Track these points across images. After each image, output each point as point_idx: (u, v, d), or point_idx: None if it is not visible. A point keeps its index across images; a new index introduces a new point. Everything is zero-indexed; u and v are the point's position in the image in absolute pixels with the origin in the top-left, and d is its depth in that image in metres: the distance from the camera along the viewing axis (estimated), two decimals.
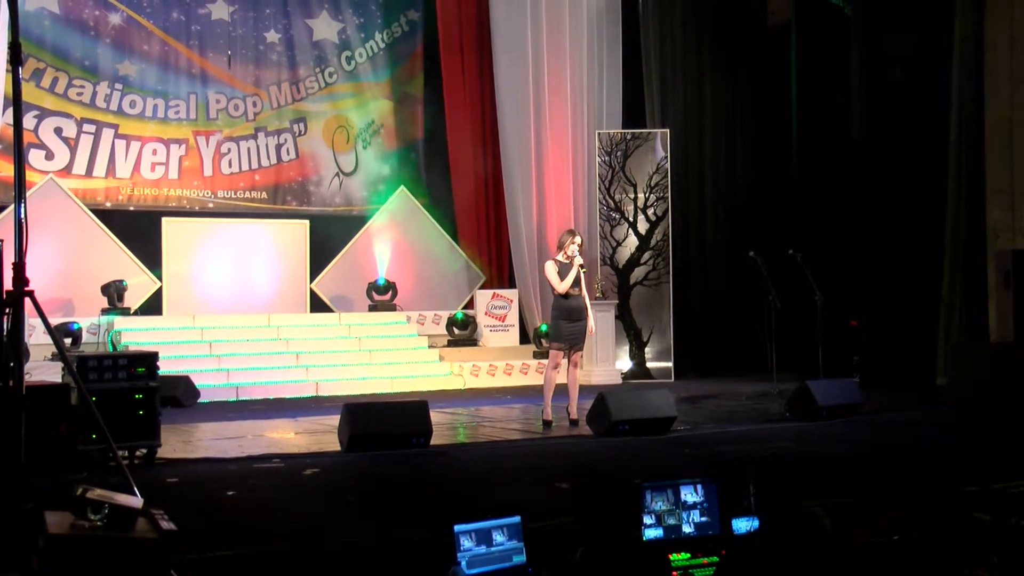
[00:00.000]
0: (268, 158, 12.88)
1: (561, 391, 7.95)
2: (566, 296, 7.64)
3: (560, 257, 7.72)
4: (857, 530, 3.75)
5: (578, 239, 7.72)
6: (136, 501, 3.53)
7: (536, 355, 12.14)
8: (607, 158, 12.41)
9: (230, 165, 12.67)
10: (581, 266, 7.65)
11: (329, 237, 12.80)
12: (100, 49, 12.06)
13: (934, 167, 11.09)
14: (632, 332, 12.33)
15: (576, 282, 7.64)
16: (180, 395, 9.45)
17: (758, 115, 13.28)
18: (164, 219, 11.98)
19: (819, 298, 9.60)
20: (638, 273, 12.39)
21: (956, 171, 10.92)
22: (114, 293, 11.14)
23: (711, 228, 13.23)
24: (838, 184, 12.27)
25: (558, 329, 7.72)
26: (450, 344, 12.34)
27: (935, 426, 7.79)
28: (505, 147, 12.78)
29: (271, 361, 10.97)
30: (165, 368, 6.97)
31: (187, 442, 7.19)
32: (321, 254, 12.72)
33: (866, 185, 11.92)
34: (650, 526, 3.68)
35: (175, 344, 10.67)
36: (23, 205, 3.93)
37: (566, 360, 7.82)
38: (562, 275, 7.64)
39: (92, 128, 12.00)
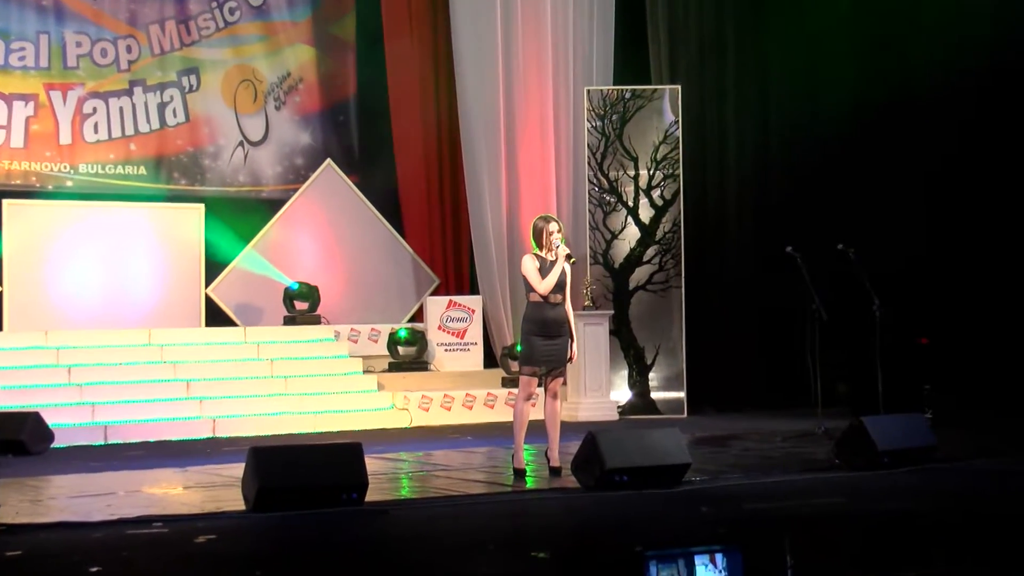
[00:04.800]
0: (148, 121, 12.76)
1: (538, 430, 7.91)
2: (544, 303, 7.61)
3: (544, 254, 7.66)
4: None
5: (556, 225, 7.70)
6: None
7: (506, 382, 12.12)
8: (599, 124, 12.43)
9: (96, 130, 12.55)
10: (568, 256, 7.62)
11: (231, 226, 12.73)
12: None
13: None
14: (632, 352, 12.34)
15: (560, 284, 7.61)
16: (25, 438, 9.31)
17: (797, 68, 13.35)
18: (5, 201, 11.83)
19: (878, 308, 9.64)
20: (640, 275, 12.41)
21: None
22: None
23: (735, 215, 13.29)
24: (903, 160, 12.37)
25: (531, 348, 7.66)
26: (392, 368, 12.29)
27: None
28: (465, 108, 12.76)
29: (152, 391, 10.87)
30: (4, 402, 6.86)
31: (35, 501, 7.10)
32: (220, 249, 12.63)
33: (940, 162, 12.03)
34: None
35: (19, 370, 10.55)
36: None
37: (543, 389, 7.78)
38: (544, 274, 7.62)
39: None
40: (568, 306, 7.74)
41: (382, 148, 13.49)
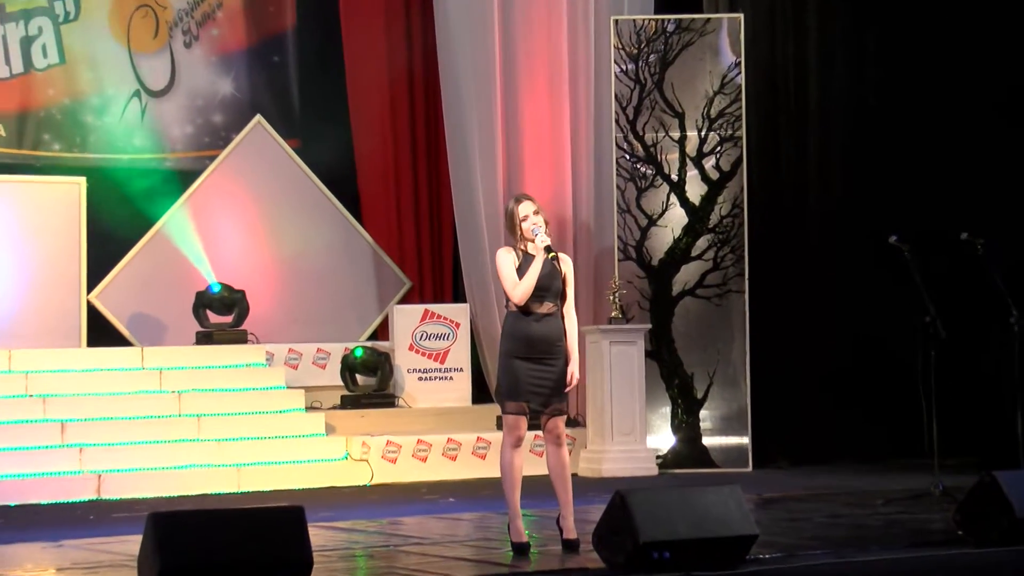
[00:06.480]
0: (7, 63, 12.79)
1: (540, 486, 7.87)
2: (526, 312, 7.61)
3: (529, 247, 7.66)
4: None
5: (531, 206, 7.69)
6: None
7: (502, 424, 12.08)
8: (631, 66, 12.43)
9: None
10: (548, 249, 7.58)
11: (123, 208, 12.78)
12: None
13: None
14: (677, 382, 12.33)
15: (548, 288, 7.59)
16: None
17: None
18: None
19: (1017, 320, 9.61)
20: (688, 275, 12.40)
21: None
22: None
23: (818, 194, 13.30)
24: None
25: (513, 375, 7.70)
26: (346, 404, 12.32)
27: None
28: (447, 48, 12.77)
29: (14, 436, 10.86)
30: None
31: None
32: (108, 239, 12.65)
33: None
34: None
35: None
36: None
37: (543, 433, 7.80)
38: (521, 272, 7.61)
39: None
40: (571, 316, 7.74)
41: (332, 101, 13.50)
